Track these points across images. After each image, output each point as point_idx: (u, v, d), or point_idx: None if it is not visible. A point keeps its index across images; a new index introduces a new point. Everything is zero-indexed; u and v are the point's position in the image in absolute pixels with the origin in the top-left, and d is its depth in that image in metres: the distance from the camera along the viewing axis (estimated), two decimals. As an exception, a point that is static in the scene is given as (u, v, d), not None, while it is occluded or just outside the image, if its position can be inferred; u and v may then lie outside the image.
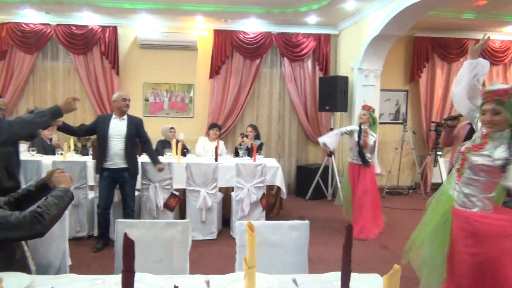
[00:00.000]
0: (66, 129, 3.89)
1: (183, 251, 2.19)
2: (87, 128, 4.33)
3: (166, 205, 4.59)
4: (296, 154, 7.50)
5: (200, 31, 6.99)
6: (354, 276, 1.69)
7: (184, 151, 5.70)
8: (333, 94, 6.37)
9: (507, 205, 2.59)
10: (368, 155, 4.81)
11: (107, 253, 4.07)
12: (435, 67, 7.40)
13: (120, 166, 4.16)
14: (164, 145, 5.87)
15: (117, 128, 4.17)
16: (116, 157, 4.14)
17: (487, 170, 2.21)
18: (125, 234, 1.45)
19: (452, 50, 7.34)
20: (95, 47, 6.72)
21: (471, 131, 3.09)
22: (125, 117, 4.25)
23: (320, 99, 6.74)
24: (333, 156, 6.72)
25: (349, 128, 5.04)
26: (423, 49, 7.28)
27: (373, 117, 4.87)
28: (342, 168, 6.85)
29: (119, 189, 4.32)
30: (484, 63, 2.47)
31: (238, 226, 2.22)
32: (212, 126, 6.01)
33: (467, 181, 2.31)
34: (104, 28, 6.68)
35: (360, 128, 4.85)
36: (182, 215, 4.90)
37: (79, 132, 4.28)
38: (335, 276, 1.69)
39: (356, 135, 4.84)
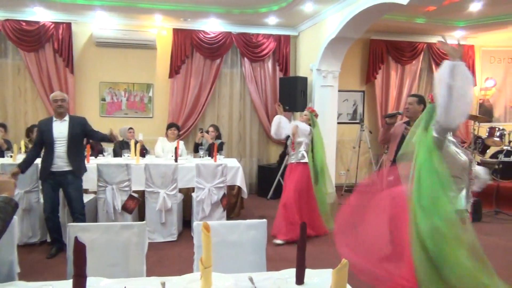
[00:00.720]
0: (28, 167, 4.03)
1: (139, 253, 2.15)
2: (37, 142, 4.08)
3: (125, 208, 4.48)
4: (257, 154, 7.54)
5: (159, 29, 6.87)
6: (309, 272, 1.73)
7: (143, 152, 5.58)
8: (293, 94, 6.47)
9: None
10: (292, 153, 4.84)
11: (62, 259, 3.90)
12: (389, 68, 7.71)
13: (63, 169, 4.00)
14: (123, 146, 5.72)
15: (60, 130, 4.02)
16: (59, 160, 3.99)
17: None
18: (76, 238, 1.42)
19: (405, 53, 7.67)
20: (47, 44, 6.44)
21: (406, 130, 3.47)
22: (67, 117, 4.09)
23: (281, 99, 6.81)
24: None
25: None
26: (378, 52, 7.56)
27: (314, 120, 4.85)
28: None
29: (63, 193, 4.15)
30: None
31: (196, 226, 2.20)
32: (170, 126, 5.92)
33: None
34: (57, 24, 6.41)
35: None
36: (141, 217, 4.80)
37: (38, 155, 4.10)
38: (290, 273, 1.72)
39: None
